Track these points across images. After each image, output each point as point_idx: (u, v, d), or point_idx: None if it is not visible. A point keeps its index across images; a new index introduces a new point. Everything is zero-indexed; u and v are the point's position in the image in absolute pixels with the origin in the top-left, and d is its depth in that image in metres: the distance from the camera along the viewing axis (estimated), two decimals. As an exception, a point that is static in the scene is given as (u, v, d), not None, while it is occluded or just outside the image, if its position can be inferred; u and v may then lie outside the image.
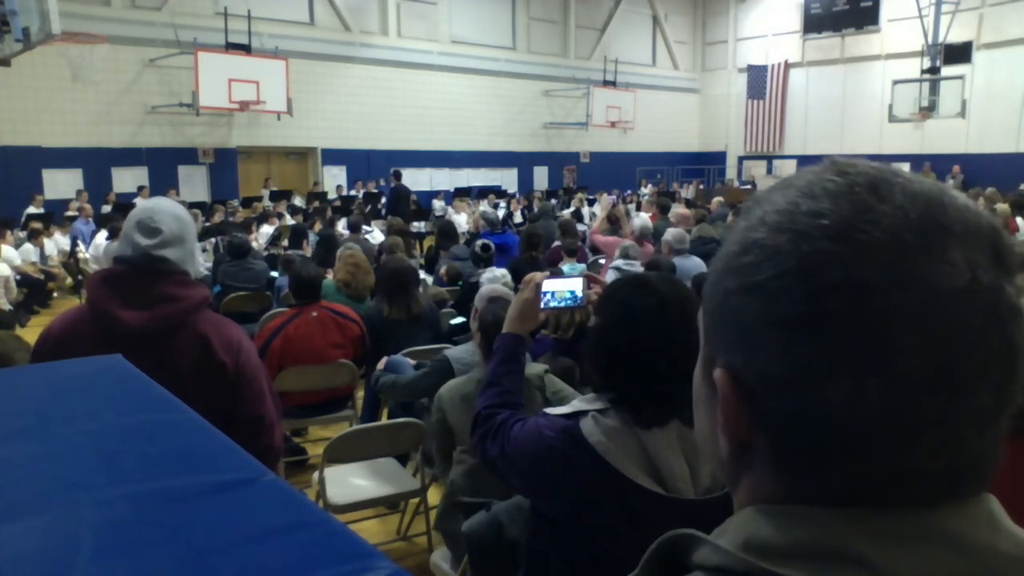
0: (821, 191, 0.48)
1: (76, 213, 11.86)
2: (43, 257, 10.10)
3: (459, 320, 4.90)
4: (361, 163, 17.47)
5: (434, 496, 3.65)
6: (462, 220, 13.31)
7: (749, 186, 20.12)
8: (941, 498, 0.47)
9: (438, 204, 16.53)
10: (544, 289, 1.77)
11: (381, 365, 3.86)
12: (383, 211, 13.83)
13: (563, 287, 1.77)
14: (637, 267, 5.15)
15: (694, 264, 6.00)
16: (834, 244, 0.46)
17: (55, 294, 10.12)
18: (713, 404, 0.54)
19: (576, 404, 1.57)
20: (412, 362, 3.90)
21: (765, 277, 0.48)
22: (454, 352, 3.40)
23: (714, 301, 0.53)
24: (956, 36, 17.98)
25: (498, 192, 17.46)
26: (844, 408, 0.46)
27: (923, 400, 0.45)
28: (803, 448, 0.48)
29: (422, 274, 6.43)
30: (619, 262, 5.49)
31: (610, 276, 4.15)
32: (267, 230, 10.47)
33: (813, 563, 0.45)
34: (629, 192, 18.94)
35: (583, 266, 6.40)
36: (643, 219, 7.04)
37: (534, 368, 2.67)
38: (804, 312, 0.46)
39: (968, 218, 0.47)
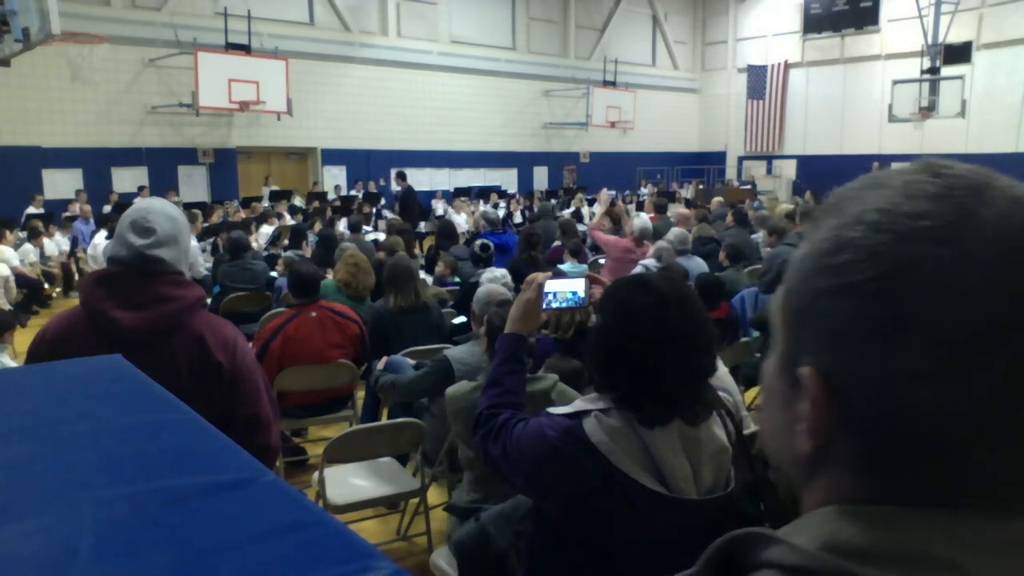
0: (920, 192, 0.47)
1: (76, 214, 11.86)
2: (43, 257, 10.10)
3: (460, 320, 4.90)
4: (361, 163, 17.46)
5: (434, 496, 3.65)
6: (462, 220, 13.31)
7: (749, 186, 20.13)
8: None
9: (438, 204, 16.53)
10: (546, 290, 1.77)
11: (381, 365, 3.86)
12: (393, 212, 13.78)
13: (565, 287, 1.77)
14: None
15: (696, 264, 6.01)
16: (936, 248, 0.45)
17: (54, 295, 10.11)
18: (790, 401, 0.53)
19: (579, 404, 1.57)
20: (412, 362, 3.90)
21: (863, 278, 0.47)
22: (454, 352, 3.40)
23: (801, 299, 0.51)
24: (956, 36, 17.98)
25: (499, 192, 17.47)
26: (938, 412, 0.45)
27: (1020, 408, 0.44)
28: (893, 450, 0.47)
29: (422, 274, 6.43)
30: (649, 261, 5.60)
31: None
32: (267, 230, 10.46)
33: (901, 566, 0.45)
34: (628, 192, 18.92)
35: (584, 266, 6.40)
36: (643, 219, 7.05)
37: (542, 384, 2.63)
38: (902, 315, 0.45)
39: None
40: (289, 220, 11.48)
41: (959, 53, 18.33)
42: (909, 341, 0.45)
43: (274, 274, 7.03)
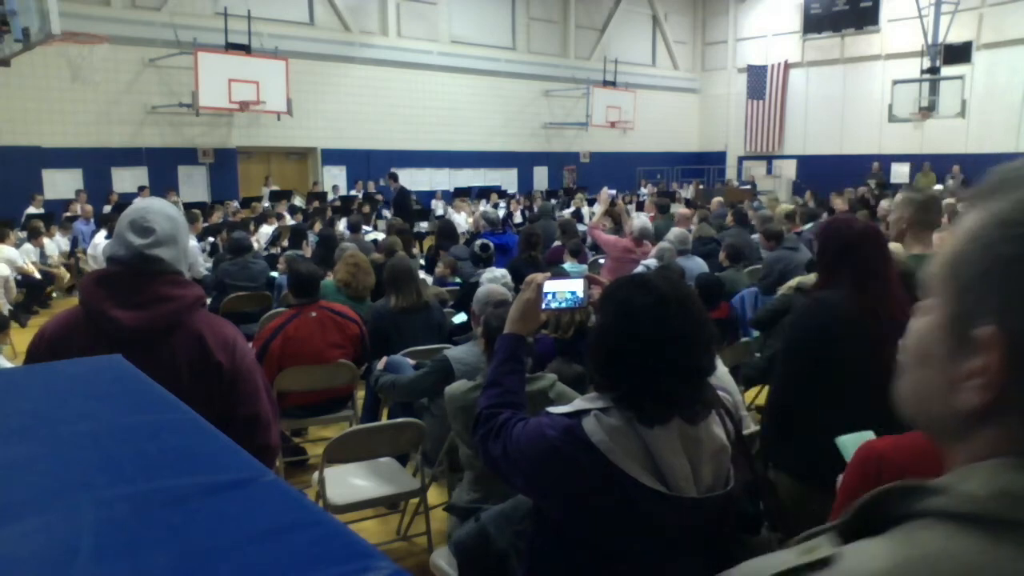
0: None
1: (76, 214, 11.86)
2: (43, 257, 10.10)
3: (460, 319, 4.90)
4: (361, 163, 17.47)
5: (434, 496, 3.65)
6: (462, 220, 13.31)
7: (749, 186, 20.11)
8: None
9: (438, 204, 16.53)
10: (545, 290, 1.77)
11: (381, 365, 3.87)
12: (389, 213, 13.79)
13: (564, 288, 1.77)
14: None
15: (696, 264, 6.01)
16: None
17: (54, 295, 10.11)
18: (953, 360, 0.56)
19: (578, 403, 1.57)
20: (412, 362, 3.90)
21: None
22: (454, 352, 3.40)
23: (984, 264, 0.54)
24: (956, 36, 17.97)
25: (499, 192, 17.47)
26: None
27: None
28: None
29: (422, 274, 6.43)
30: (651, 261, 5.61)
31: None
32: (267, 230, 10.46)
33: None
34: (627, 192, 18.91)
35: (584, 266, 6.40)
36: (642, 219, 7.05)
37: (541, 383, 2.63)
38: None
39: None
40: (289, 220, 11.47)
41: (959, 53, 18.33)
42: None
43: (274, 273, 7.03)
